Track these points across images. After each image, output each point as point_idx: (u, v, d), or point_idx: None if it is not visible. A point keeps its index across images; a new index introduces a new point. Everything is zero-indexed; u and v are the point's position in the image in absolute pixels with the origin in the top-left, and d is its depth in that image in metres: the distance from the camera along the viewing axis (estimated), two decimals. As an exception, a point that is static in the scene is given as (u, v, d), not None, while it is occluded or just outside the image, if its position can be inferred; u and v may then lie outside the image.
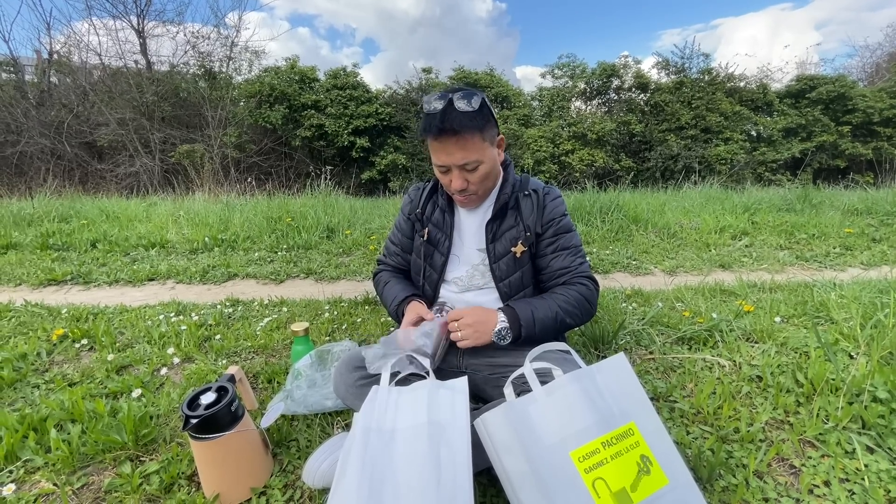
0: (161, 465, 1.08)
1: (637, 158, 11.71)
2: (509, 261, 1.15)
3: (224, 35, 12.46)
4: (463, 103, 1.00)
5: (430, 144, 1.06)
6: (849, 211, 4.44)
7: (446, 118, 0.99)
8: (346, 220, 4.07)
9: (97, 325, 1.85)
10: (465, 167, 1.05)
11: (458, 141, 1.02)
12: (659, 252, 3.22)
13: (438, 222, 1.23)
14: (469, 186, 1.08)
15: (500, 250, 1.16)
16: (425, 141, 1.08)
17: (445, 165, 1.06)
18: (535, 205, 1.17)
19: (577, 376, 0.81)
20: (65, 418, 1.23)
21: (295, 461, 1.10)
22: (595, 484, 0.73)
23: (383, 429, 0.85)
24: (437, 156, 1.05)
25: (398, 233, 1.34)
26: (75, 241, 3.46)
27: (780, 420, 1.23)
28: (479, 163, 1.05)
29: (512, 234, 1.16)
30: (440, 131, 1.00)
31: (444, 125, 0.99)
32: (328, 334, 1.83)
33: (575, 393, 0.80)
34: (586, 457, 0.75)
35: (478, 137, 1.03)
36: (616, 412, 0.80)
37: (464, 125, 1.00)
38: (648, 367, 1.52)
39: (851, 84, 12.25)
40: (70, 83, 11.34)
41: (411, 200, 1.31)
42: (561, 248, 1.16)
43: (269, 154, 11.93)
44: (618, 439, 0.77)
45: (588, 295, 1.12)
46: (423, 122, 1.05)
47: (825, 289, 2.10)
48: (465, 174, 1.07)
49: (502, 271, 1.16)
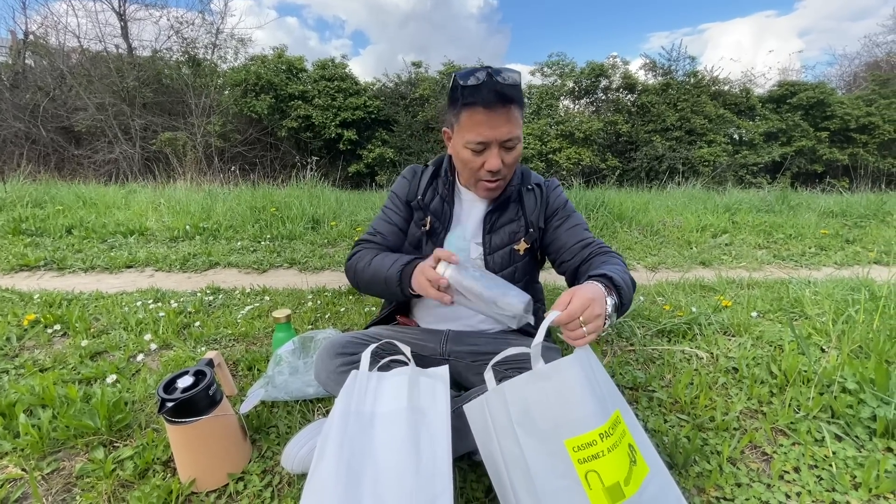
0: (135, 450, 1.05)
1: (623, 158, 11.85)
2: (505, 254, 1.13)
3: (209, 21, 12.20)
4: (508, 74, 0.95)
5: (471, 118, 0.97)
6: (824, 213, 4.57)
7: (500, 86, 0.93)
8: (332, 212, 4.03)
9: (71, 311, 1.80)
10: (506, 144, 0.99)
11: (508, 113, 0.96)
12: (642, 249, 3.27)
13: (437, 211, 1.16)
14: (503, 169, 1.02)
15: (496, 242, 1.13)
16: (458, 115, 0.99)
17: (486, 141, 0.98)
18: (538, 199, 1.14)
19: (577, 359, 0.77)
20: (35, 403, 1.20)
21: (274, 447, 1.09)
22: (588, 476, 0.70)
23: (362, 412, 0.84)
24: (478, 130, 0.97)
25: (392, 214, 1.21)
26: (50, 226, 3.36)
27: (753, 409, 1.26)
28: (518, 141, 1.01)
29: (511, 227, 1.13)
30: (493, 98, 0.93)
31: (498, 91, 0.93)
32: (311, 323, 1.81)
33: (576, 377, 0.75)
34: (581, 447, 0.71)
35: (519, 113, 0.99)
36: (608, 398, 0.77)
37: (515, 96, 0.95)
38: (629, 358, 1.54)
39: (830, 91, 12.58)
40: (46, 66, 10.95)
41: (408, 183, 1.21)
42: (572, 225, 1.14)
43: (254, 144, 11.73)
44: (612, 428, 0.73)
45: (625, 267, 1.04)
46: (464, 93, 0.96)
47: (800, 286, 2.16)
48: (503, 153, 1.00)
49: (496, 264, 1.13)
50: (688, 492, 0.97)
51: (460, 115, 0.99)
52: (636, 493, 0.71)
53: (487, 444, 0.84)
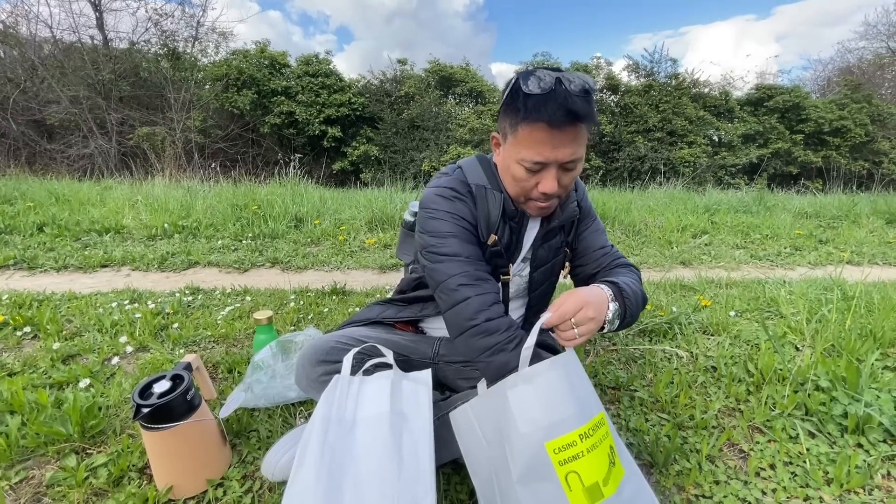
0: (110, 457, 1.02)
1: (606, 158, 12.00)
2: (547, 270, 1.07)
3: (189, 14, 11.94)
4: (582, 82, 0.82)
5: (532, 135, 0.83)
6: (799, 214, 4.71)
7: (571, 101, 0.79)
8: (316, 210, 3.98)
9: (42, 313, 1.73)
10: (567, 165, 0.86)
11: (575, 132, 0.82)
12: (624, 248, 3.31)
13: (508, 244, 1.00)
14: (558, 190, 0.88)
15: (541, 258, 1.05)
16: (517, 127, 0.84)
17: (544, 161, 0.84)
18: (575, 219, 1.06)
19: (560, 361, 0.78)
20: (2, 409, 1.15)
21: (255, 452, 1.07)
22: (568, 478, 0.70)
23: (343, 418, 0.83)
24: (538, 149, 0.83)
25: (468, 244, 0.94)
26: (20, 223, 3.24)
27: (731, 408, 1.29)
28: (580, 161, 0.88)
29: (555, 242, 1.05)
30: (565, 117, 0.79)
31: (569, 108, 0.79)
32: (293, 324, 1.78)
33: (556, 379, 0.76)
34: (562, 449, 0.71)
35: (588, 129, 0.85)
36: (592, 400, 0.78)
37: (586, 113, 0.81)
38: (611, 357, 1.56)
39: (805, 95, 12.96)
40: (17, 56, 10.54)
41: (474, 204, 0.96)
42: (594, 230, 1.09)
43: (235, 140, 11.52)
44: (594, 430, 0.74)
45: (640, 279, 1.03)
46: (527, 104, 0.81)
47: (776, 286, 2.22)
48: (561, 174, 0.87)
49: (538, 281, 1.07)
50: (668, 490, 0.99)
51: (518, 127, 0.84)
52: (614, 494, 0.72)
53: (473, 449, 0.84)
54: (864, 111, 12.58)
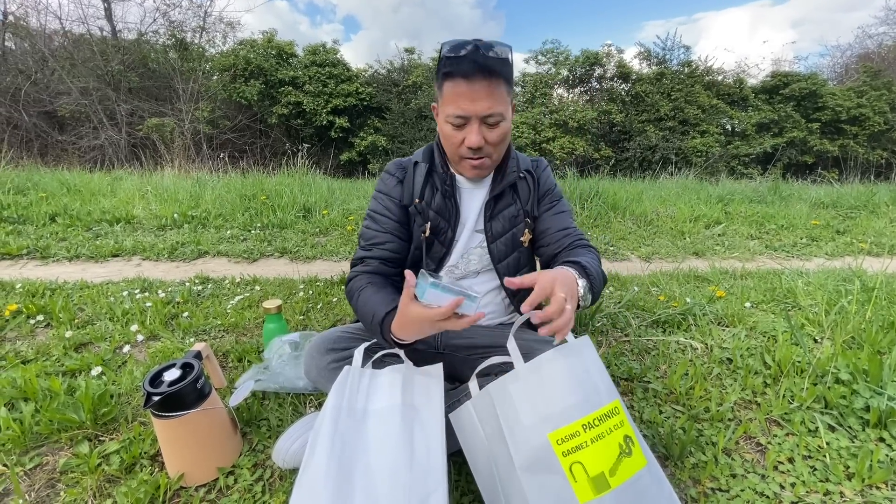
0: (122, 444, 1.03)
1: (616, 148, 11.83)
2: (507, 241, 1.09)
3: (197, 4, 11.87)
4: (498, 48, 0.91)
5: (452, 90, 0.92)
6: (816, 204, 4.60)
7: (482, 58, 0.89)
8: (324, 200, 3.97)
9: (54, 301, 1.75)
10: (488, 120, 0.93)
11: (490, 86, 0.90)
12: (636, 239, 3.27)
13: (441, 209, 1.07)
14: (485, 147, 0.96)
15: (497, 229, 1.09)
16: (442, 86, 0.95)
17: (466, 115, 0.92)
18: (530, 187, 1.11)
19: (563, 352, 0.77)
20: (17, 396, 1.16)
21: (265, 440, 1.07)
22: (573, 468, 0.70)
23: (354, 409, 0.82)
24: (458, 102, 0.92)
25: (385, 220, 1.08)
26: (32, 214, 3.27)
27: (748, 400, 1.26)
28: (502, 118, 0.95)
29: (510, 211, 1.09)
30: (475, 70, 0.89)
31: (480, 63, 0.88)
32: (302, 313, 1.78)
33: (559, 370, 0.76)
34: (565, 439, 0.71)
35: (504, 89, 0.93)
36: (602, 389, 0.76)
37: (498, 69, 0.90)
38: (624, 348, 1.54)
39: (822, 82, 12.61)
40: (28, 48, 10.60)
41: (398, 182, 1.09)
42: (558, 211, 1.12)
43: (243, 131, 11.52)
44: (601, 420, 0.73)
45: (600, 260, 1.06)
46: (446, 64, 0.91)
47: (793, 277, 2.17)
48: (485, 130, 0.95)
49: (501, 252, 1.09)
50: (684, 483, 0.97)
51: (443, 86, 0.95)
52: (623, 484, 0.71)
53: (475, 447, 0.83)
54: (884, 98, 12.23)
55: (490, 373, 0.93)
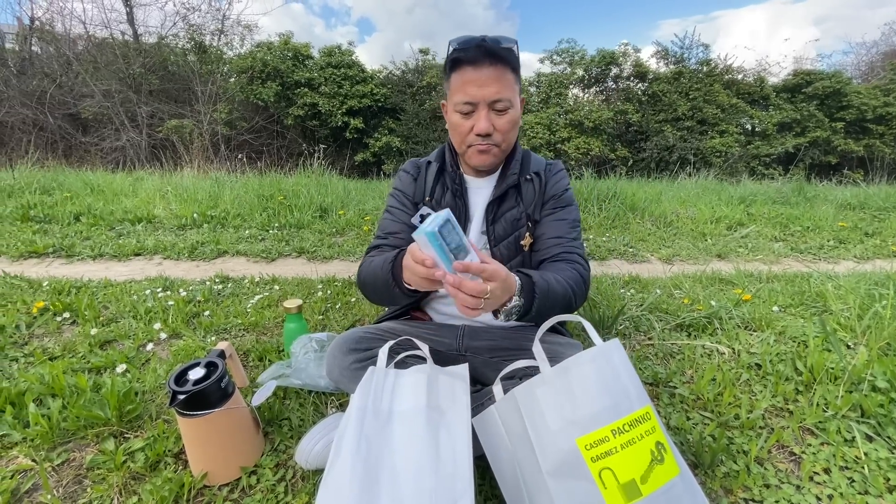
0: (146, 442, 1.03)
1: (633, 148, 11.67)
2: (510, 244, 1.08)
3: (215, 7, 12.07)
4: (503, 40, 0.95)
5: (460, 79, 0.96)
6: (842, 205, 4.47)
7: (489, 46, 0.93)
8: (340, 201, 3.99)
9: (80, 299, 1.78)
10: (496, 106, 0.95)
11: (497, 71, 0.94)
12: (655, 240, 3.21)
13: (451, 207, 1.06)
14: (494, 134, 0.98)
15: (499, 232, 1.07)
16: (450, 78, 0.99)
17: (474, 101, 0.95)
18: (535, 190, 1.08)
19: (591, 356, 0.75)
20: (44, 392, 1.18)
21: (287, 440, 1.06)
22: (602, 474, 0.68)
23: (380, 410, 0.81)
24: (466, 89, 0.95)
25: (400, 213, 1.13)
26: (58, 213, 3.35)
27: (779, 407, 1.22)
28: (510, 106, 0.97)
29: (513, 214, 1.07)
30: (481, 55, 0.92)
31: (486, 49, 0.92)
32: (321, 313, 1.78)
33: (588, 374, 0.74)
34: (594, 445, 0.69)
35: (512, 77, 0.96)
36: (633, 394, 0.74)
37: (504, 55, 0.94)
38: (647, 352, 1.50)
39: (847, 81, 12.26)
40: (53, 52, 10.90)
41: (413, 179, 1.14)
42: (559, 218, 1.09)
43: (260, 132, 11.67)
44: (631, 426, 0.71)
45: (586, 277, 1.03)
46: (454, 54, 0.96)
47: (822, 280, 2.10)
48: (493, 117, 0.97)
49: (503, 255, 1.07)
50: (715, 493, 0.94)
51: (451, 78, 0.98)
52: (655, 492, 0.69)
53: (499, 452, 0.82)
54: (912, 97, 11.85)
55: (514, 376, 0.92)
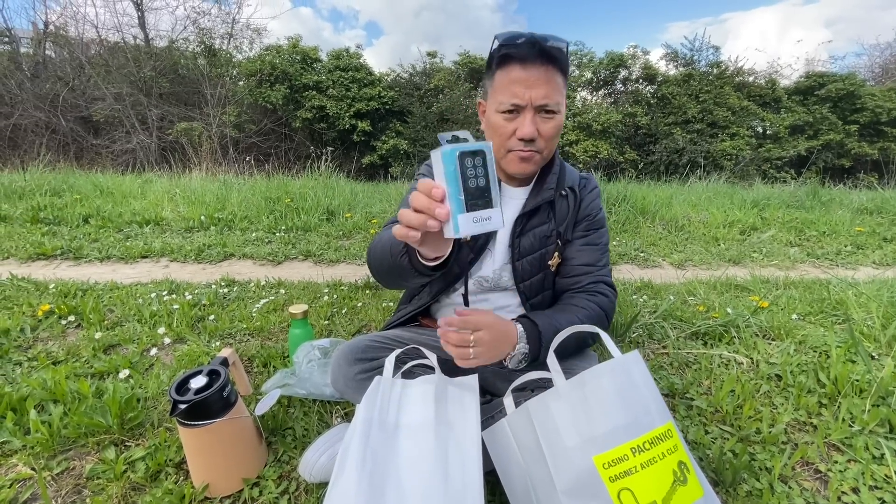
0: (147, 451, 1.01)
1: (641, 151, 11.57)
2: (534, 261, 1.01)
3: (225, 11, 12.19)
4: (554, 40, 0.86)
5: (506, 76, 0.87)
6: (858, 210, 4.37)
7: (541, 44, 0.84)
8: (347, 203, 3.98)
9: (85, 302, 1.77)
10: (544, 110, 0.87)
11: (547, 72, 0.85)
12: (667, 245, 3.15)
13: None
14: (538, 140, 0.89)
15: (525, 246, 0.99)
16: (493, 76, 0.90)
17: (520, 103, 0.86)
18: (569, 207, 1.01)
19: (609, 368, 0.71)
20: (46, 398, 1.16)
21: (291, 451, 1.03)
22: (621, 495, 0.64)
23: (386, 422, 0.78)
24: (512, 88, 0.86)
25: None
26: (67, 215, 3.36)
27: (802, 422, 1.17)
28: (557, 112, 0.89)
29: (542, 230, 1.00)
30: (532, 54, 0.84)
31: (539, 47, 0.84)
32: (327, 318, 1.75)
33: (606, 388, 0.69)
34: (612, 463, 0.65)
35: (561, 80, 0.88)
36: (654, 410, 0.70)
37: (556, 56, 0.86)
38: (662, 361, 1.46)
39: (861, 83, 12.08)
40: (66, 56, 11.06)
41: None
42: (590, 242, 1.03)
43: (268, 134, 11.74)
44: (651, 444, 0.67)
45: (609, 308, 0.98)
46: (501, 49, 0.87)
47: (841, 287, 2.04)
48: (539, 121, 0.88)
49: (525, 271, 1.00)
50: (738, 513, 0.89)
51: (495, 75, 0.89)
52: None
53: (510, 467, 0.78)
54: (928, 99, 11.64)
55: (526, 388, 0.88)
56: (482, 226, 0.53)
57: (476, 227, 0.53)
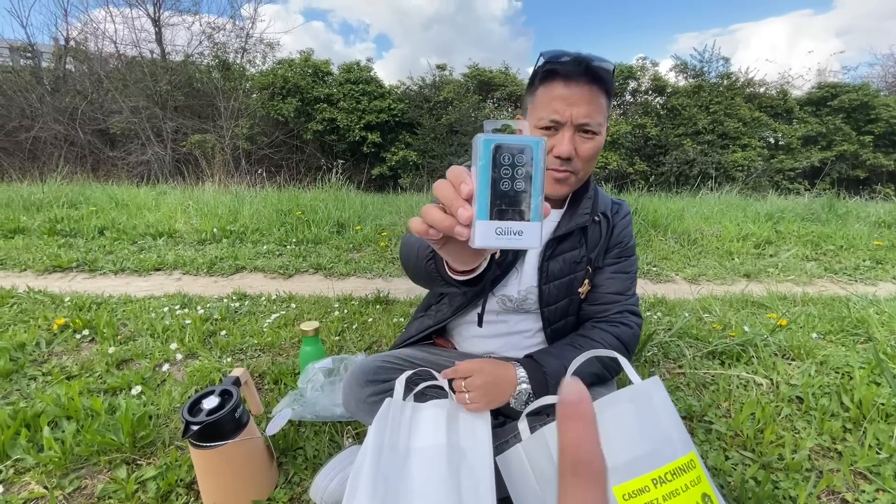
0: (158, 470, 1.00)
1: (651, 162, 11.52)
2: (562, 286, 0.98)
3: (239, 26, 12.46)
4: (600, 61, 0.84)
5: (548, 92, 0.85)
6: (876, 223, 4.29)
7: (587, 62, 0.83)
8: (357, 216, 4.00)
9: (100, 316, 1.78)
10: (584, 128, 0.85)
11: (591, 92, 0.84)
12: (680, 259, 3.11)
13: None
14: (575, 160, 0.87)
15: (554, 270, 0.97)
16: (535, 92, 0.88)
17: (560, 120, 0.84)
18: (601, 234, 0.99)
19: (629, 395, 0.69)
20: (60, 415, 1.17)
21: (301, 472, 1.02)
22: None
23: (397, 446, 0.77)
24: (553, 105, 0.84)
25: None
26: (83, 227, 3.42)
27: (826, 447, 1.13)
28: (597, 133, 0.86)
29: (573, 256, 0.98)
30: (577, 72, 0.82)
31: (585, 66, 0.82)
32: (338, 334, 1.75)
33: (625, 416, 0.67)
34: (632, 495, 0.62)
35: (604, 101, 0.86)
36: (675, 439, 0.67)
37: (602, 76, 0.84)
38: (679, 382, 1.43)
39: (875, 93, 11.95)
40: (86, 70, 11.37)
41: None
42: (621, 270, 1.01)
43: (280, 146, 11.90)
44: (674, 474, 0.65)
45: (629, 339, 0.96)
46: (546, 65, 0.85)
47: (862, 304, 1.99)
48: (578, 140, 0.86)
49: (552, 295, 0.98)
50: (762, 546, 0.86)
51: (537, 91, 0.87)
52: None
53: (525, 494, 0.76)
54: (945, 109, 11.46)
55: (541, 412, 0.86)
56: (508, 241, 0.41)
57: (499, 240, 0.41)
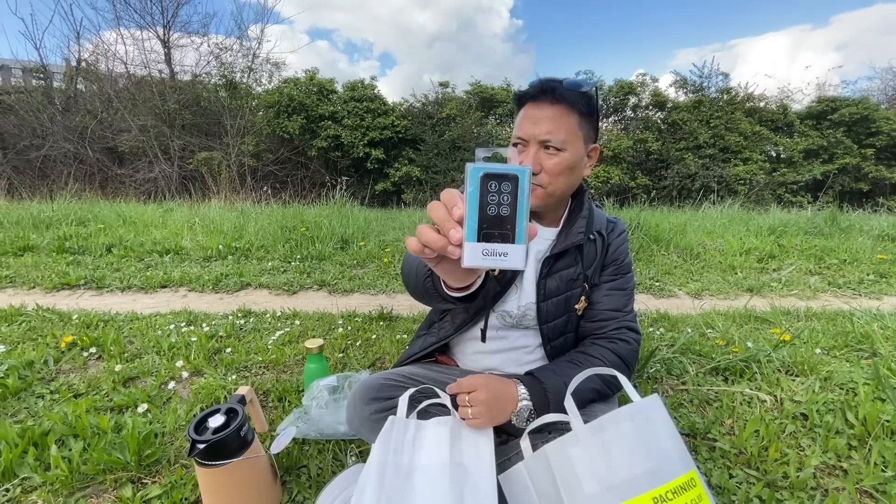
0: (164, 489, 1.01)
1: (653, 177, 11.59)
2: (559, 303, 1.01)
3: (246, 47, 12.75)
4: (578, 82, 0.93)
5: (521, 116, 0.95)
6: (880, 236, 4.28)
7: (551, 82, 0.91)
8: (361, 232, 4.03)
9: (107, 333, 1.81)
10: (546, 145, 0.90)
11: (553, 111, 0.91)
12: (682, 274, 3.11)
13: None
14: (540, 174, 0.92)
15: (551, 288, 1.00)
16: (516, 116, 0.99)
17: (525, 137, 0.91)
18: (597, 251, 1.02)
19: (629, 413, 0.69)
20: (67, 433, 1.18)
21: (305, 491, 1.03)
22: None
23: (400, 464, 0.78)
24: (522, 124, 0.93)
25: None
26: (91, 244, 3.47)
27: (831, 465, 1.12)
28: (562, 149, 0.90)
29: (569, 273, 1.00)
30: (541, 92, 0.91)
31: (546, 86, 0.91)
32: (342, 351, 1.76)
33: (626, 434, 0.68)
34: None
35: (573, 120, 0.91)
36: (676, 458, 0.68)
37: (565, 98, 0.90)
38: (682, 398, 1.42)
39: (875, 106, 12.03)
40: (96, 90, 11.64)
41: None
42: (617, 287, 1.04)
43: (285, 163, 12.06)
44: (675, 493, 0.65)
45: (628, 355, 0.99)
46: (519, 91, 0.97)
47: (866, 319, 1.98)
48: (542, 156, 0.91)
49: (550, 312, 1.01)
50: (767, 567, 0.85)
51: (516, 116, 0.97)
52: None
53: None
54: (946, 122, 11.50)
55: (543, 430, 0.87)
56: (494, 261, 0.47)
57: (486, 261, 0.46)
